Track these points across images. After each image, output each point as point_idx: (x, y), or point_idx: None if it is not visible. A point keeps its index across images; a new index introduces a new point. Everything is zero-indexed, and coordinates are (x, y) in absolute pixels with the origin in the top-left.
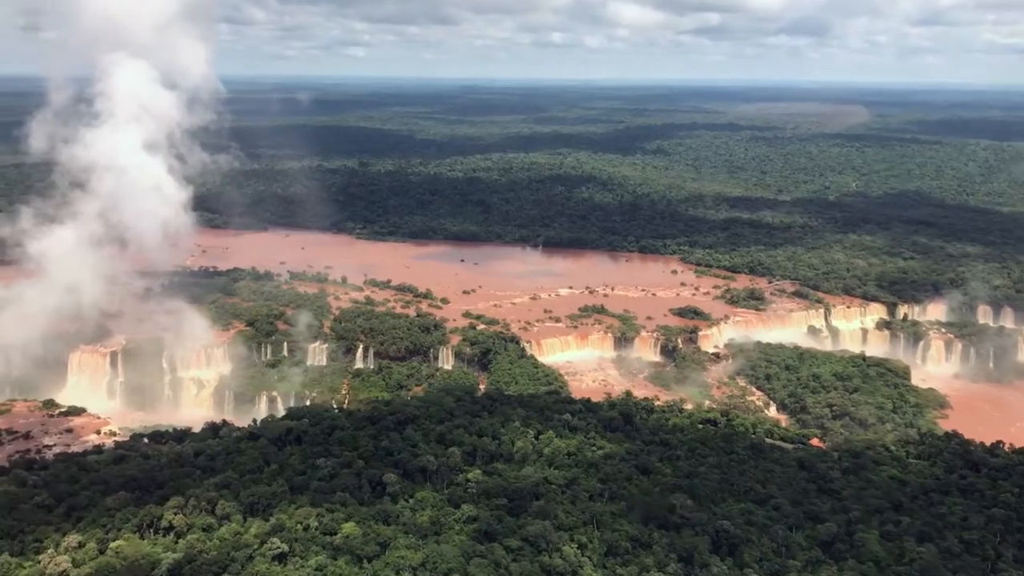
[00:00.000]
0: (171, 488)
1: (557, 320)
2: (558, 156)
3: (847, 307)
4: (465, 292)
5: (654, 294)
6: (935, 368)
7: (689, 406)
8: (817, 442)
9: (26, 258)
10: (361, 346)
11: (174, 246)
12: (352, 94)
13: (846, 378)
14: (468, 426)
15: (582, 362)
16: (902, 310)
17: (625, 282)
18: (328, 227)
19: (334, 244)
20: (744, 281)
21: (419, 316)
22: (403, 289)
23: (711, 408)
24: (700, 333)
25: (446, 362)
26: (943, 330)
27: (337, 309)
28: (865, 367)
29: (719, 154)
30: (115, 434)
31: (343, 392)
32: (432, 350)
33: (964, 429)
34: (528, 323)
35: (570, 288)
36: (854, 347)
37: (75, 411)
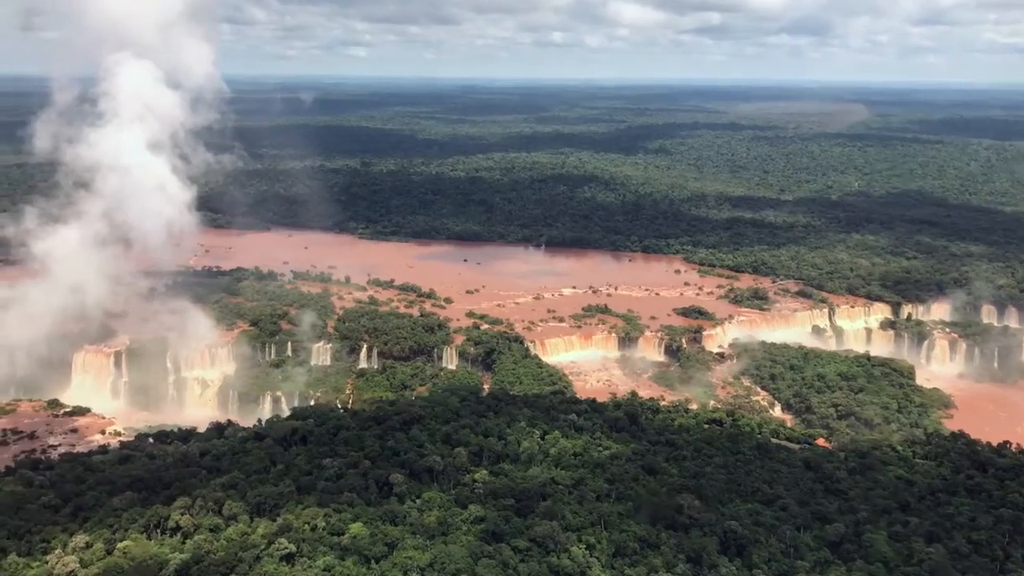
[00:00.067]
0: (177, 488)
1: (561, 320)
2: (560, 156)
3: (851, 307)
4: (468, 292)
5: (657, 294)
6: (939, 368)
7: (694, 406)
8: (823, 442)
9: (30, 258)
10: (365, 346)
11: (178, 246)
12: (353, 94)
13: (851, 378)
14: (474, 426)
15: (586, 362)
16: (906, 310)
17: (628, 282)
18: (331, 227)
19: (337, 244)
20: (748, 281)
21: (423, 316)
22: (406, 289)
23: (716, 408)
24: (704, 333)
25: (450, 362)
26: (947, 330)
27: (341, 309)
28: (870, 367)
29: (721, 154)
30: (120, 434)
31: (347, 392)
32: (436, 350)
33: (969, 429)
34: (532, 323)
35: (573, 288)
36: (858, 347)
37: (80, 411)
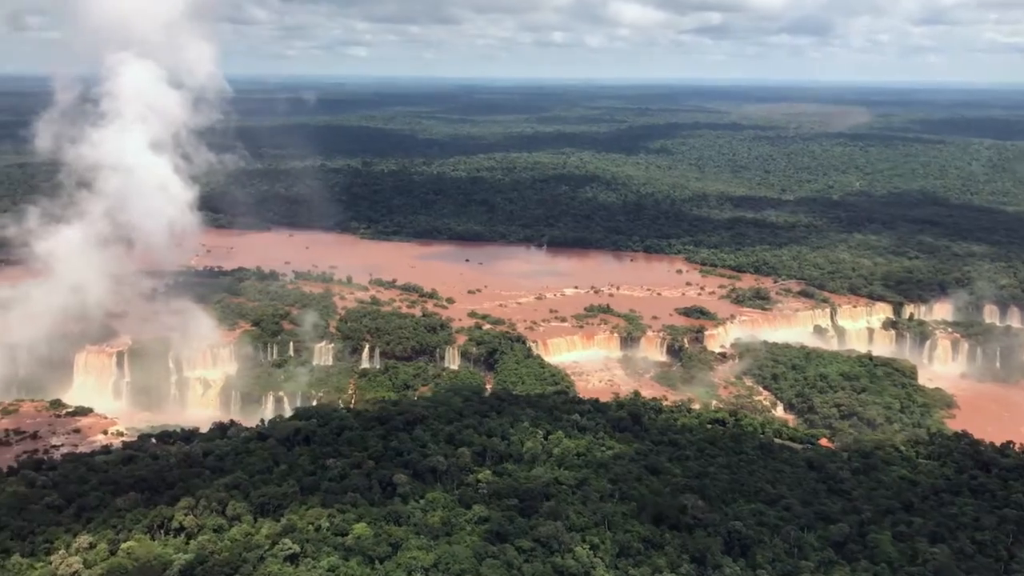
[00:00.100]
0: (181, 489)
1: (563, 320)
2: (561, 156)
3: (853, 307)
4: (470, 292)
5: (659, 294)
6: (942, 368)
7: (697, 406)
8: (826, 442)
9: (32, 258)
10: (367, 346)
11: (179, 246)
12: (354, 94)
13: (853, 378)
14: (477, 426)
15: (588, 362)
16: (908, 309)
17: (630, 282)
18: (332, 227)
19: (338, 244)
20: (749, 280)
21: (425, 316)
22: (408, 289)
23: (719, 408)
24: (706, 333)
25: (452, 362)
26: (949, 330)
27: (343, 309)
28: (872, 367)
29: (722, 154)
30: (122, 434)
31: (350, 392)
32: (438, 350)
33: (972, 429)
34: (534, 323)
35: (575, 288)
36: (860, 347)
37: (82, 411)
